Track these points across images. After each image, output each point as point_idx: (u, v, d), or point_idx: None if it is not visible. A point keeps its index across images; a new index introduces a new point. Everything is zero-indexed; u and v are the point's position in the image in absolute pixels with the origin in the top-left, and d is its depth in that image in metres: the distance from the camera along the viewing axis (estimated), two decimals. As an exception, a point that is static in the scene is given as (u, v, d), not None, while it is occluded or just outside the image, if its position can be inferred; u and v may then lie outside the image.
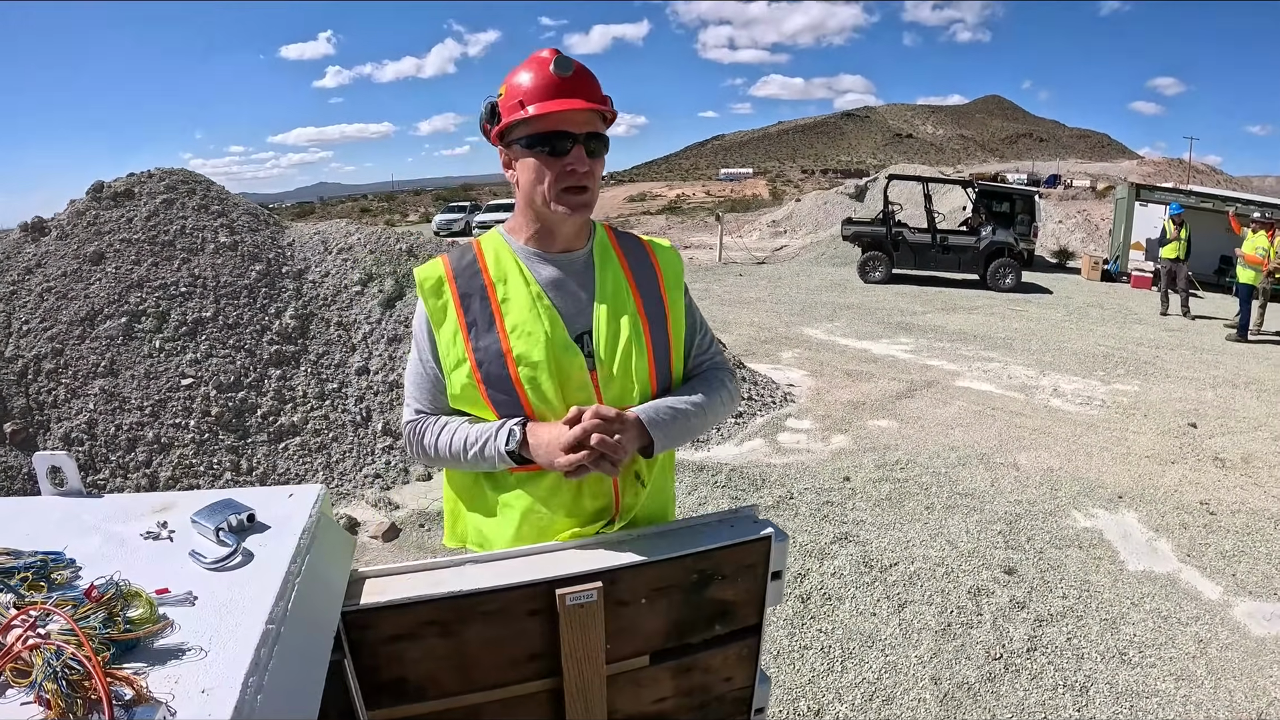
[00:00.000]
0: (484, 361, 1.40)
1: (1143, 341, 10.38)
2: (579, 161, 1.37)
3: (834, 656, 3.24)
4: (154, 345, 5.52)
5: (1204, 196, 16.85)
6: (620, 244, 1.57)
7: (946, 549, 4.18)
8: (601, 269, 1.49)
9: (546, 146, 1.37)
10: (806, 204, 29.71)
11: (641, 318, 1.47)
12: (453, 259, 1.49)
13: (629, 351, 1.44)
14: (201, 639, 0.85)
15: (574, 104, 1.35)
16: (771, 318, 11.52)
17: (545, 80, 1.36)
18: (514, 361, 1.39)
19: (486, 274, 1.45)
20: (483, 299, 1.43)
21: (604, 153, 1.43)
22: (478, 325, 1.41)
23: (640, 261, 1.55)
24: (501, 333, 1.40)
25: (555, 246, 1.47)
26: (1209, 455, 5.87)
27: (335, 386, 5.78)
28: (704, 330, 1.65)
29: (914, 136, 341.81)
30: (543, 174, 1.38)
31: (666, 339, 1.51)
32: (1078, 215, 25.29)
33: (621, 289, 1.48)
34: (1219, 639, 3.45)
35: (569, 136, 1.37)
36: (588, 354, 1.43)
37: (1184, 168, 62.25)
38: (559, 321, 1.42)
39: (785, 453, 5.78)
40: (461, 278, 1.45)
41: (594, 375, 1.43)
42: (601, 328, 1.44)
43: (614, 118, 1.45)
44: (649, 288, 1.52)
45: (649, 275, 1.54)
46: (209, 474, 4.98)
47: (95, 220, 6.21)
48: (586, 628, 1.14)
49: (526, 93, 1.37)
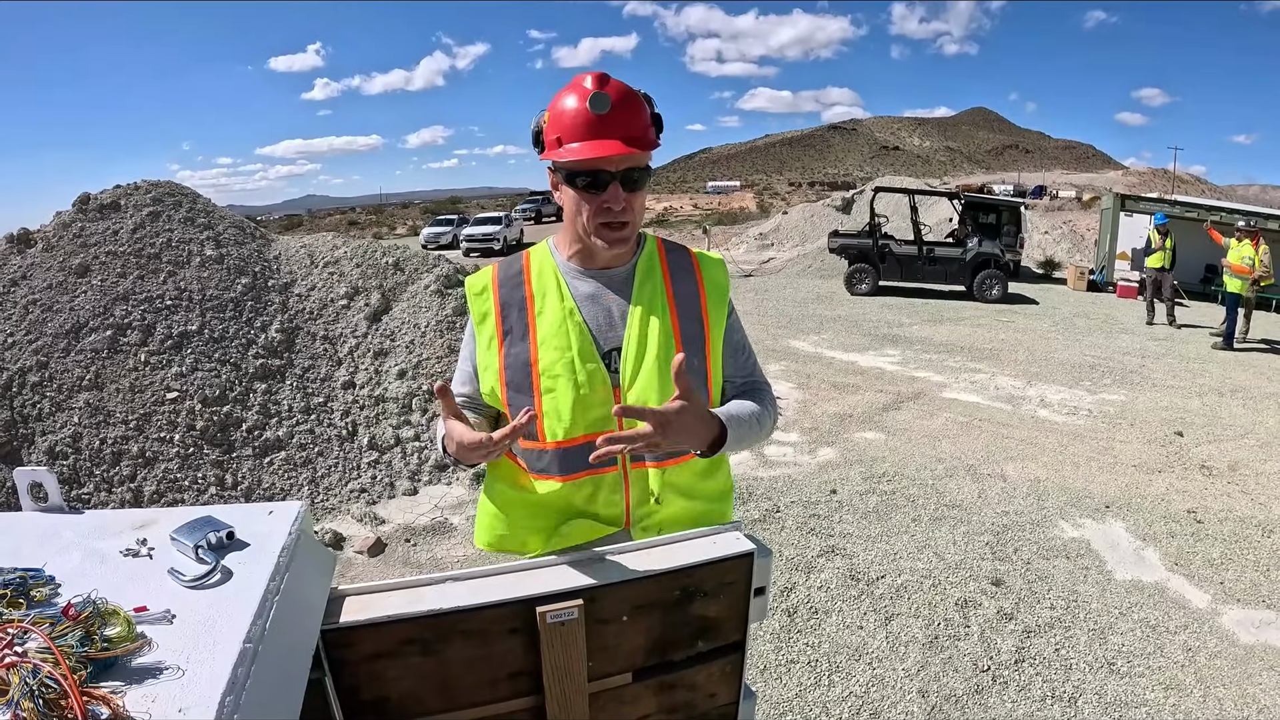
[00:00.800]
0: (510, 367, 1.44)
1: (1129, 351, 10.46)
2: (614, 199, 1.38)
3: (821, 670, 3.24)
4: (139, 359, 5.48)
5: (1188, 206, 17.03)
6: (668, 258, 1.56)
7: (934, 561, 4.19)
8: (640, 285, 1.49)
9: (584, 180, 1.38)
10: (793, 216, 29.83)
11: (675, 337, 1.47)
12: (502, 268, 1.53)
13: (657, 372, 1.43)
14: (179, 658, 0.84)
15: (608, 150, 1.34)
16: (758, 330, 11.54)
17: (584, 117, 1.35)
18: (538, 372, 1.42)
19: (529, 285, 1.48)
20: (521, 309, 1.46)
21: (646, 181, 1.44)
22: (513, 333, 1.45)
23: (684, 278, 1.54)
24: (532, 344, 1.43)
25: (596, 264, 1.50)
26: (1196, 464, 5.91)
27: (321, 401, 5.76)
28: (748, 352, 1.66)
29: (900, 149, 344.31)
30: (581, 207, 1.40)
31: (703, 360, 1.50)
32: (1063, 226, 25.52)
33: (657, 306, 1.48)
34: (1208, 647, 3.47)
35: (605, 174, 1.37)
36: (614, 371, 1.44)
37: (1169, 178, 62.93)
38: (588, 337, 1.44)
39: (772, 465, 5.79)
40: (505, 287, 1.49)
41: (617, 393, 1.44)
42: (631, 346, 1.45)
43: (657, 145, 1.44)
44: (689, 306, 1.51)
45: (691, 293, 1.53)
46: (194, 489, 4.94)
47: (81, 232, 6.18)
48: (568, 646, 1.14)
49: (565, 129, 1.37)
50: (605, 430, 1.40)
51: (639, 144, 1.38)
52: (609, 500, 1.47)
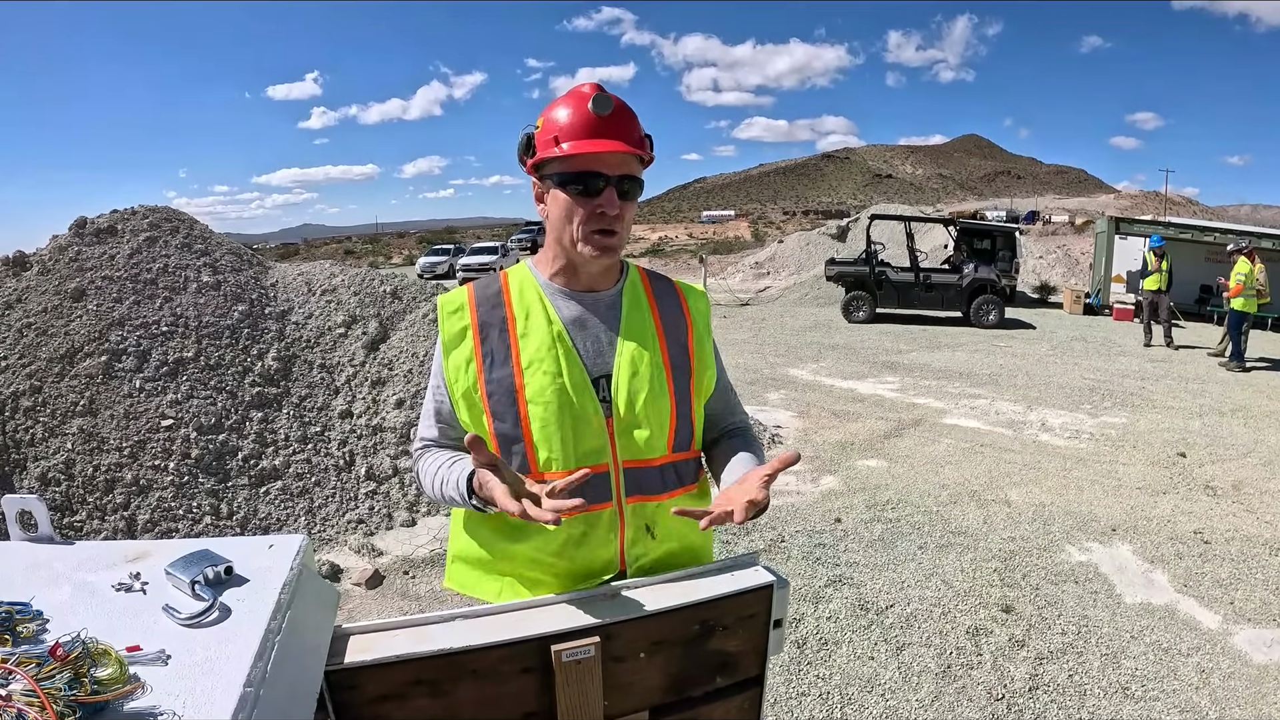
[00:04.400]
0: (494, 394, 1.36)
1: (1128, 373, 10.46)
2: (609, 204, 1.34)
3: (833, 703, 3.16)
4: (134, 385, 5.42)
5: (1182, 227, 17.16)
6: (653, 286, 1.52)
7: (942, 589, 4.12)
8: (629, 312, 1.45)
9: (579, 185, 1.34)
10: (789, 245, 30.00)
11: (665, 366, 1.43)
12: (478, 287, 1.46)
13: (650, 401, 1.39)
14: (175, 702, 0.80)
15: (609, 146, 1.32)
16: (757, 359, 11.52)
17: (583, 118, 1.32)
18: (525, 400, 1.35)
19: (509, 306, 1.41)
20: (502, 330, 1.39)
21: (638, 195, 1.40)
22: (494, 357, 1.37)
23: (671, 307, 1.50)
24: (517, 368, 1.36)
25: (580, 284, 1.44)
26: (1200, 484, 5.88)
27: (318, 430, 5.69)
28: (732, 389, 1.62)
29: (893, 176, 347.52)
30: (573, 213, 1.35)
31: (689, 390, 1.46)
32: (1058, 250, 25.70)
33: (647, 334, 1.44)
34: (1221, 668, 3.42)
35: (602, 177, 1.33)
36: (604, 399, 1.38)
37: (1161, 200, 63.57)
38: (577, 363, 1.38)
39: (775, 495, 5.72)
40: (483, 306, 1.41)
41: (610, 422, 1.38)
42: (622, 373, 1.39)
43: (651, 160, 1.42)
44: (676, 335, 1.48)
45: (678, 321, 1.49)
46: (188, 518, 4.86)
47: (77, 256, 6.15)
48: (584, 685, 1.08)
49: (563, 129, 1.33)
50: (599, 463, 1.37)
51: (639, 148, 1.36)
52: (604, 540, 1.39)
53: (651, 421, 1.39)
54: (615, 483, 1.39)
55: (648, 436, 1.39)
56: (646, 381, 1.39)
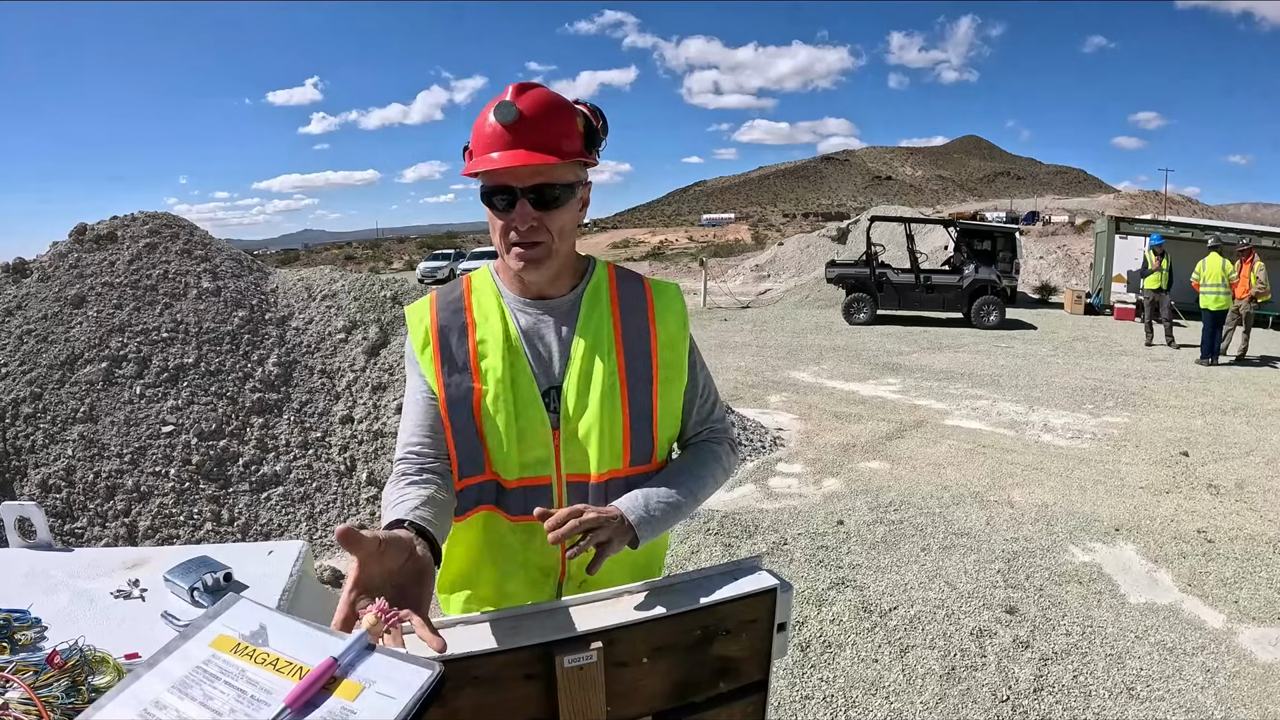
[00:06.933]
0: (452, 399, 1.33)
1: (1129, 373, 10.45)
2: (521, 218, 1.27)
3: (837, 706, 3.14)
4: (135, 391, 5.42)
5: (1183, 226, 17.14)
6: (619, 289, 1.43)
7: (946, 590, 4.11)
8: (585, 318, 1.38)
9: (492, 200, 1.29)
10: (789, 247, 30.02)
11: (620, 378, 1.36)
12: (441, 293, 1.43)
13: (598, 415, 1.33)
14: (172, 712, 0.78)
15: (510, 160, 1.24)
16: (758, 362, 11.52)
17: (491, 129, 1.26)
18: (479, 408, 1.32)
19: (470, 312, 1.38)
20: (461, 336, 1.36)
21: (567, 198, 1.31)
22: (453, 362, 1.34)
23: (635, 311, 1.41)
24: (475, 373, 1.33)
25: (530, 292, 1.39)
26: (1203, 483, 5.87)
27: (319, 435, 5.68)
28: (708, 394, 1.51)
29: (893, 178, 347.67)
30: (495, 226, 1.31)
31: (650, 404, 1.39)
32: (1058, 251, 25.70)
33: (602, 343, 1.36)
34: (1226, 668, 3.41)
35: (512, 191, 1.27)
36: (553, 411, 1.34)
37: (1161, 200, 63.59)
38: (527, 372, 1.34)
39: (777, 498, 5.72)
40: (444, 312, 1.39)
41: (556, 435, 1.34)
42: (571, 386, 1.34)
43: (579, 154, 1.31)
44: (638, 343, 1.39)
45: (641, 328, 1.40)
46: (189, 524, 4.85)
47: (77, 263, 6.15)
48: (586, 691, 1.07)
49: (476, 142, 1.29)
50: (542, 475, 1.35)
51: (552, 153, 1.25)
52: (542, 550, 1.36)
53: (602, 436, 1.33)
54: (557, 496, 1.36)
55: (596, 450, 1.34)
56: (598, 394, 1.34)
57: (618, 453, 1.36)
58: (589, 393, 1.34)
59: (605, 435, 1.34)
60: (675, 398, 1.44)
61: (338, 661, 0.77)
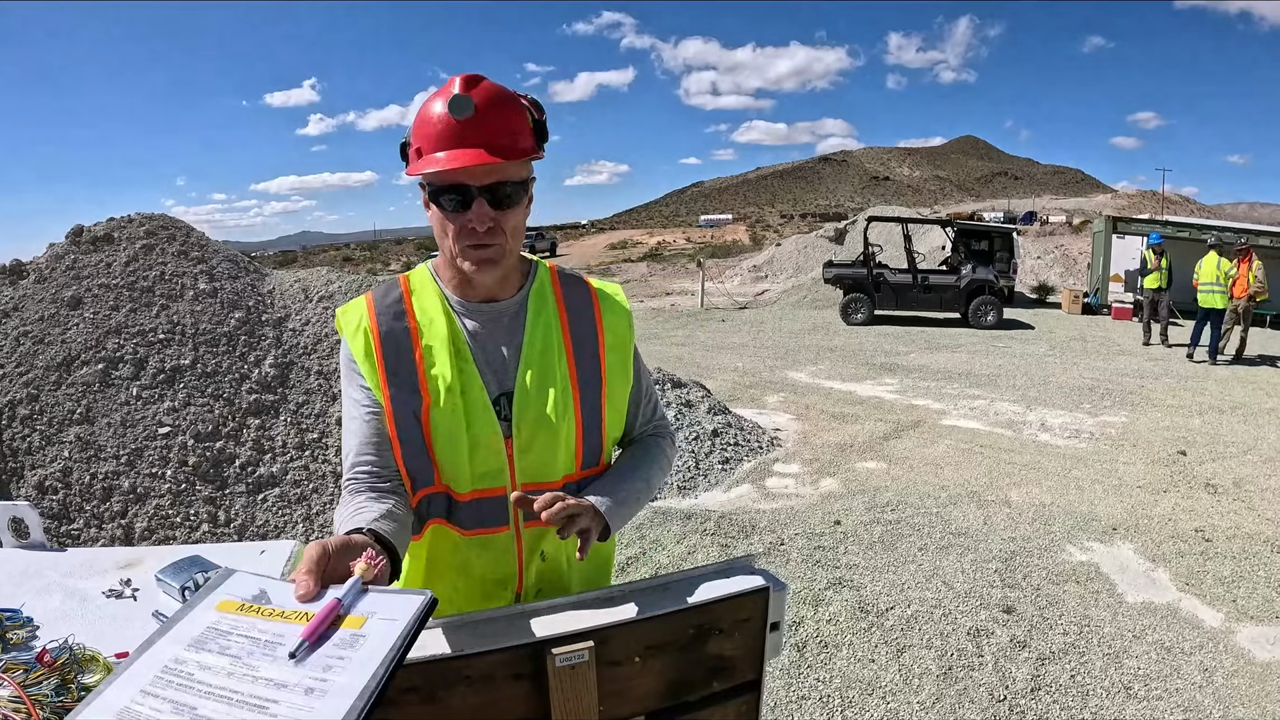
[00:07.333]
0: (398, 411, 1.27)
1: (1127, 372, 10.46)
2: (479, 219, 1.21)
3: (833, 706, 3.15)
4: (131, 392, 5.41)
5: (1179, 226, 17.15)
6: (564, 291, 1.40)
7: (943, 590, 4.11)
8: (533, 323, 1.34)
9: (448, 199, 1.22)
10: (787, 248, 30.02)
11: (572, 383, 1.33)
12: (377, 296, 1.35)
13: (552, 421, 1.30)
14: (161, 711, 0.78)
15: (468, 159, 1.18)
16: (755, 362, 11.52)
17: (444, 124, 1.19)
18: (429, 419, 1.27)
19: (412, 316, 1.32)
20: (405, 344, 1.29)
21: (520, 197, 1.26)
22: (398, 373, 1.28)
23: (582, 314, 1.38)
24: (422, 383, 1.28)
25: (477, 295, 1.34)
26: (1200, 482, 5.88)
27: (315, 437, 5.68)
28: (650, 394, 1.51)
29: (890, 179, 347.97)
30: (446, 228, 1.24)
31: (599, 407, 1.37)
32: (1055, 250, 25.74)
33: (552, 348, 1.33)
34: (1224, 667, 3.42)
35: (468, 190, 1.21)
36: (505, 419, 1.30)
37: (1158, 199, 63.70)
38: (476, 380, 1.29)
39: (774, 498, 5.72)
40: (384, 316, 1.31)
41: (509, 443, 1.30)
42: (523, 393, 1.30)
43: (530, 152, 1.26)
44: (586, 345, 1.36)
45: (589, 331, 1.37)
46: (185, 525, 4.85)
47: (74, 264, 6.15)
48: (578, 690, 1.07)
49: (425, 139, 1.22)
50: (496, 486, 1.31)
51: (507, 153, 1.21)
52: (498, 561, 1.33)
53: (555, 441, 1.31)
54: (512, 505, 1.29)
55: (550, 457, 1.32)
56: (550, 400, 1.30)
57: (571, 457, 1.35)
58: (543, 399, 1.30)
59: (561, 441, 1.32)
60: (622, 399, 1.42)
61: (341, 602, 0.87)
